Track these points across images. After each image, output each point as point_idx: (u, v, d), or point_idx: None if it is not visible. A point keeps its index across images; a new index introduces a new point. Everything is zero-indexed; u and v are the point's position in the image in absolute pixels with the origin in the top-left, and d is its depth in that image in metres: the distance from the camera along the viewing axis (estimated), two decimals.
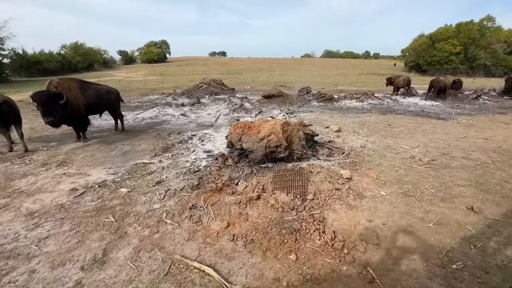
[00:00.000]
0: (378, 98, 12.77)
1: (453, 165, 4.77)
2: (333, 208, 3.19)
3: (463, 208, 3.34)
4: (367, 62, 79.84)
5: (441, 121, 8.61)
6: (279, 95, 12.09)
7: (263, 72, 45.09)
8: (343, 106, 11.43)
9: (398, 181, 4.13)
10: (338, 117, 9.20)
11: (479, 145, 6.03)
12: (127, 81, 27.19)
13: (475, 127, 7.79)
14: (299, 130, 4.66)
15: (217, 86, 15.37)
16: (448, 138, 6.61)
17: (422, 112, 10.15)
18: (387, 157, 5.23)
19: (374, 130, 7.31)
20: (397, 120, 8.70)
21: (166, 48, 73.49)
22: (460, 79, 13.44)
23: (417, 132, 7.18)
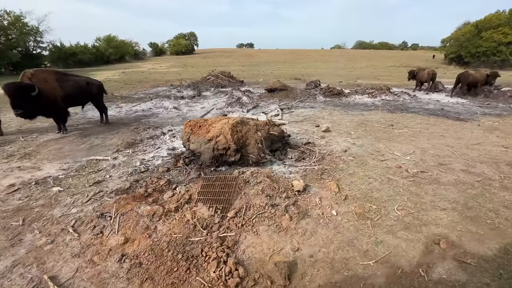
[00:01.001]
0: (394, 93, 11.41)
1: (444, 180, 3.87)
2: (256, 230, 2.64)
3: (428, 242, 2.59)
4: (403, 54, 73.65)
5: (459, 122, 7.33)
6: (282, 88, 11.33)
7: (286, 64, 43.72)
8: (350, 102, 10.38)
9: (363, 198, 3.41)
10: (338, 114, 8.31)
11: (493, 154, 4.92)
12: (148, 72, 27.94)
13: (499, 131, 6.46)
14: (257, 131, 4.08)
15: (225, 78, 14.97)
16: (457, 144, 5.52)
17: (441, 111, 8.79)
18: (367, 165, 4.45)
19: (370, 131, 6.40)
20: (404, 120, 7.58)
21: (194, 40, 74.53)
22: (497, 72, 11.45)
23: (422, 135, 6.14)
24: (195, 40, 74.74)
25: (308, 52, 76.48)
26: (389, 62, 49.39)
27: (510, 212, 3.08)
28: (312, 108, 9.30)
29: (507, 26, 38.28)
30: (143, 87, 15.33)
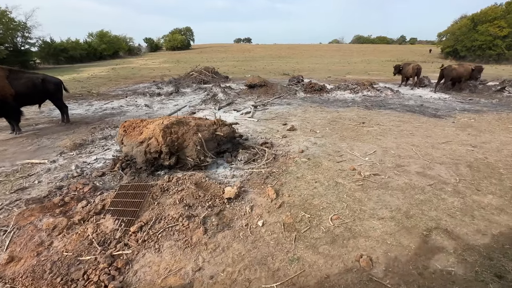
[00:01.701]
0: (377, 89, 11.05)
1: (394, 184, 3.58)
2: (159, 246, 2.36)
3: (348, 259, 2.31)
4: (400, 48, 72.69)
5: (434, 119, 7.01)
6: (262, 85, 10.97)
7: (281, 59, 43.12)
8: (330, 99, 10.04)
9: (301, 205, 3.13)
10: (312, 111, 7.98)
11: (457, 154, 4.63)
12: (138, 68, 27.46)
13: (472, 128, 6.16)
14: (197, 132, 3.78)
15: (208, 74, 14.58)
16: (424, 143, 5.22)
17: (420, 107, 8.47)
18: (320, 167, 4.16)
19: (338, 130, 6.09)
20: (379, 116, 7.27)
21: (190, 35, 73.53)
22: (481, 66, 11.06)
23: (391, 133, 5.83)
24: (191, 35, 73.74)
25: (306, 47, 75.58)
26: (385, 57, 48.74)
27: (452, 222, 2.80)
28: (288, 105, 8.97)
29: (503, 19, 37.62)
30: (126, 83, 14.96)
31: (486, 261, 2.28)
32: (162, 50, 68.20)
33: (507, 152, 4.71)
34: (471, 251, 2.40)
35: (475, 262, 2.27)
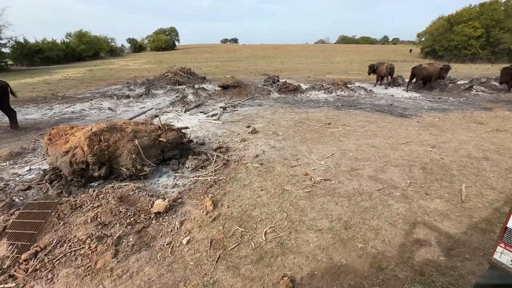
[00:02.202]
0: (351, 89, 11.01)
1: (342, 191, 3.39)
2: (52, 276, 2.04)
3: (268, 282, 2.07)
4: (383, 48, 74.22)
5: (400, 119, 6.95)
6: (236, 85, 10.70)
7: (266, 59, 42.99)
8: (303, 99, 9.88)
9: (238, 217, 2.88)
10: (282, 112, 7.78)
11: (414, 155, 4.51)
12: (117, 69, 26.60)
13: (435, 128, 6.11)
14: (133, 139, 3.45)
15: (184, 75, 14.16)
16: (384, 144, 5.10)
17: (389, 106, 8.43)
18: (272, 173, 3.92)
19: (302, 131, 5.90)
20: (347, 117, 7.14)
21: (175, 36, 72.34)
22: (448, 65, 11.22)
23: (354, 134, 5.69)
24: (176, 35, 72.56)
25: (291, 47, 75.95)
26: (368, 57, 49.44)
27: (391, 231, 2.62)
28: (259, 106, 8.74)
29: (476, 20, 38.95)
30: (99, 85, 14.31)
31: (417, 277, 2.10)
32: (146, 51, 66.70)
33: (463, 152, 4.64)
34: (403, 265, 2.21)
35: (405, 279, 2.08)
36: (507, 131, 5.84)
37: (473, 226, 2.71)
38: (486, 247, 2.41)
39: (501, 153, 4.59)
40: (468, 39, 39.57)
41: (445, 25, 42.24)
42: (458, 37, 40.08)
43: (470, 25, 39.41)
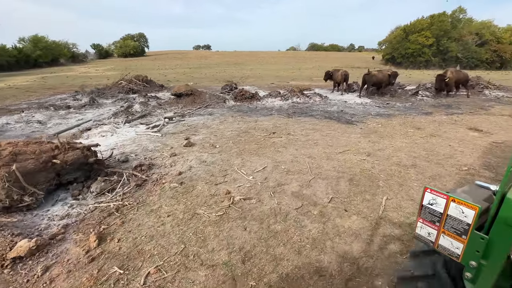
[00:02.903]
0: (307, 96, 11.02)
1: (256, 212, 3.07)
2: None
3: None
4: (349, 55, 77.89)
5: (346, 126, 6.93)
6: (189, 93, 10.21)
7: (236, 66, 42.90)
8: (258, 107, 9.66)
9: (125, 254, 2.42)
10: (230, 121, 7.43)
11: (347, 166, 4.37)
12: (73, 77, 24.79)
13: (376, 134, 6.13)
14: (9, 164, 2.86)
15: (139, 83, 13.37)
16: (322, 153, 4.93)
17: (339, 113, 8.47)
18: (190, 193, 3.51)
19: (243, 142, 5.58)
20: (294, 125, 6.98)
21: (144, 42, 70.00)
22: (396, 72, 11.75)
23: (295, 144, 5.48)
24: (145, 41, 70.24)
25: (264, 54, 76.93)
26: (336, 63, 51.37)
27: (294, 261, 2.33)
28: (210, 115, 8.33)
29: (428, 30, 42.24)
30: (43, 95, 13.01)
31: None
32: (114, 57, 63.65)
33: (395, 160, 4.60)
34: None
35: None
36: (440, 136, 6.00)
37: (382, 247, 2.51)
38: (388, 273, 2.19)
39: (429, 160, 4.61)
40: (422, 47, 42.71)
41: (401, 34, 45.28)
42: (413, 46, 43.10)
43: (422, 34, 42.62)
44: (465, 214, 0.96)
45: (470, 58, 41.69)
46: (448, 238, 1.03)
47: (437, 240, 1.08)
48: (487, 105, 9.63)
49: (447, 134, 6.14)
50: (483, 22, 44.38)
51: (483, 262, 0.97)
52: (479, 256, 0.96)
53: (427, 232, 1.11)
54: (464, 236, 0.98)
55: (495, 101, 10.48)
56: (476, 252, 0.97)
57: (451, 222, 1.01)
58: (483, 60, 41.61)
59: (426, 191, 1.08)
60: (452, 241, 1.02)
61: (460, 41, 41.70)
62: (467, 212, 0.96)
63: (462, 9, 42.94)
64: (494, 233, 0.92)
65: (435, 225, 1.07)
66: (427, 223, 1.10)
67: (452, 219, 1.01)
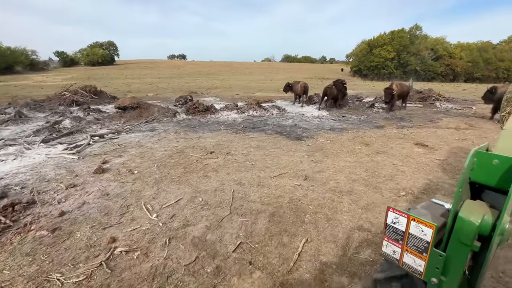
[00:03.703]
0: (264, 108, 10.55)
1: (128, 275, 2.30)
2: None
3: None
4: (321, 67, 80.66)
5: (293, 142, 6.44)
6: (136, 106, 9.27)
7: (208, 76, 42.22)
8: (209, 121, 8.96)
9: None
10: (169, 139, 6.63)
11: (277, 194, 3.76)
12: (23, 86, 22.55)
13: (321, 152, 5.67)
14: None
15: (86, 94, 12.12)
16: (255, 178, 4.31)
17: (292, 127, 8.02)
18: (62, 244, 2.66)
19: (170, 166, 4.81)
20: (239, 142, 6.35)
21: (114, 50, 67.13)
22: (344, 80, 11.76)
23: (230, 166, 4.82)
24: (115, 50, 67.41)
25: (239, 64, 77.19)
26: (308, 74, 52.66)
27: None
28: (151, 131, 7.46)
29: (389, 45, 44.86)
30: None
31: None
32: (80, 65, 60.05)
33: (331, 185, 4.09)
34: None
35: None
36: (385, 152, 5.69)
37: None
38: None
39: (368, 183, 4.16)
40: (385, 60, 45.17)
41: (366, 48, 47.67)
42: (377, 59, 45.45)
43: (385, 48, 45.15)
44: (424, 232, 0.97)
45: (427, 71, 44.83)
46: (411, 255, 1.04)
47: (401, 258, 1.08)
48: (436, 117, 9.78)
49: (393, 150, 5.85)
50: (437, 38, 48.26)
51: (442, 279, 0.97)
52: (439, 273, 0.96)
53: (392, 250, 1.11)
54: (425, 254, 0.99)
55: (444, 113, 10.75)
56: (436, 269, 0.97)
57: (412, 240, 1.02)
58: (438, 73, 44.92)
59: (389, 211, 1.08)
60: (415, 258, 1.03)
61: (418, 55, 44.79)
62: (426, 230, 0.97)
63: (418, 27, 46.35)
64: (450, 251, 0.92)
65: (399, 243, 1.07)
66: (392, 241, 1.10)
67: (413, 237, 1.01)
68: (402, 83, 10.43)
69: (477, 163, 0.92)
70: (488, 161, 0.89)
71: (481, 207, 0.90)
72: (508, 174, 0.86)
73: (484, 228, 0.83)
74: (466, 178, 0.93)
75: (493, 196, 0.96)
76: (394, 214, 1.07)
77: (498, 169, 0.87)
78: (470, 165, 0.90)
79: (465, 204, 0.92)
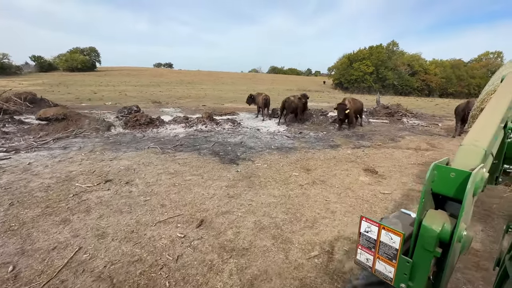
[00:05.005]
0: (216, 122, 9.46)
1: None
2: None
3: None
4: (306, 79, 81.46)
5: (222, 166, 5.33)
6: (62, 118, 7.92)
7: (188, 85, 41.07)
8: (146, 136, 7.73)
9: None
10: (73, 161, 5.36)
11: (131, 261, 2.59)
12: None
13: (249, 181, 4.57)
14: None
15: (21, 102, 10.61)
16: (126, 228, 3.13)
17: (235, 146, 6.92)
18: None
19: (28, 203, 3.55)
20: (157, 165, 5.17)
21: (96, 56, 65.02)
22: (305, 94, 10.91)
23: (113, 204, 3.62)
24: (96, 56, 65.32)
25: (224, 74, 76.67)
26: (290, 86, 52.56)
27: None
28: (63, 149, 6.15)
29: (368, 59, 45.60)
30: None
31: None
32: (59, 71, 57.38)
33: (229, 236, 2.96)
34: None
35: None
36: (324, 182, 4.67)
37: None
38: None
39: (278, 234, 3.07)
40: (364, 74, 45.72)
41: (346, 62, 48.24)
42: (357, 72, 45.96)
43: (364, 63, 45.80)
44: (393, 240, 1.01)
45: (404, 86, 45.70)
46: (382, 263, 1.07)
47: (374, 265, 1.11)
48: (399, 135, 9.02)
49: (335, 178, 4.85)
50: (413, 55, 49.67)
51: (410, 284, 1.00)
52: (407, 279, 0.99)
53: (366, 258, 1.13)
54: (394, 261, 1.03)
55: (409, 130, 10.05)
56: (404, 274, 1.00)
57: (383, 248, 1.05)
58: (414, 88, 45.90)
59: (362, 220, 1.10)
60: (386, 265, 1.06)
61: (395, 70, 45.70)
62: (394, 238, 1.00)
63: (395, 43, 47.56)
64: (416, 257, 0.96)
65: (371, 251, 1.11)
66: (365, 249, 1.13)
67: (384, 245, 1.05)
68: (354, 99, 9.64)
69: (437, 176, 0.98)
70: (446, 174, 0.96)
71: (442, 216, 0.97)
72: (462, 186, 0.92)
73: (444, 235, 0.89)
74: (428, 189, 0.99)
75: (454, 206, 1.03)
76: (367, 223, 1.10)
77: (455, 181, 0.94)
78: (430, 178, 0.96)
79: (428, 213, 0.97)
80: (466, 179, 0.90)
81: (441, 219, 0.93)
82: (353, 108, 8.76)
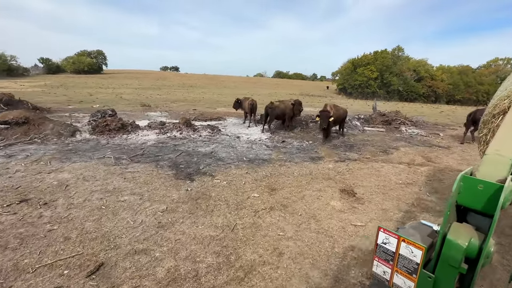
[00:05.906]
0: (194, 128, 8.70)
1: None
2: None
3: None
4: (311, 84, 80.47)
5: (172, 183, 4.52)
6: (23, 122, 7.31)
7: (189, 89, 40.73)
8: (110, 143, 7.01)
9: None
10: (12, 172, 4.66)
11: None
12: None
13: (192, 204, 3.75)
14: None
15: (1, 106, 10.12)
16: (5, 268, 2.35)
17: (203, 157, 6.12)
18: None
19: None
20: (98, 180, 4.41)
21: (103, 59, 65.70)
22: (299, 100, 10.05)
23: (35, 233, 2.86)
24: (103, 59, 66.00)
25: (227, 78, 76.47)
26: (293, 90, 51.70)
27: None
28: (7, 157, 5.48)
29: (373, 65, 44.42)
30: None
31: None
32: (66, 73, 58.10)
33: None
34: None
35: None
36: (286, 207, 3.81)
37: None
38: None
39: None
40: (368, 80, 44.50)
41: (350, 67, 47.15)
42: (361, 78, 44.79)
43: (368, 68, 44.63)
44: (414, 254, 0.95)
45: (410, 92, 44.26)
46: (401, 276, 1.00)
47: (391, 279, 1.04)
48: (394, 146, 8.06)
49: (301, 203, 3.98)
50: (419, 60, 48.23)
51: None
52: None
53: (382, 270, 1.07)
54: (414, 275, 0.96)
55: (406, 140, 9.07)
56: None
57: (402, 261, 0.99)
58: (420, 94, 44.41)
59: (379, 231, 1.04)
60: (405, 279, 0.99)
61: (401, 76, 44.35)
62: (415, 252, 0.94)
63: (401, 48, 46.29)
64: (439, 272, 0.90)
65: (389, 263, 1.04)
66: (382, 261, 1.06)
67: (403, 258, 0.98)
68: (337, 106, 8.69)
69: (463, 187, 0.91)
70: (474, 185, 0.89)
71: (468, 230, 0.90)
72: (492, 199, 0.86)
73: (471, 251, 0.83)
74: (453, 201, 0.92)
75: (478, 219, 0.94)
76: (385, 234, 1.02)
77: (483, 194, 0.88)
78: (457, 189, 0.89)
79: (453, 227, 0.90)
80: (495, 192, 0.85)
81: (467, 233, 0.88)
82: (335, 116, 7.85)
